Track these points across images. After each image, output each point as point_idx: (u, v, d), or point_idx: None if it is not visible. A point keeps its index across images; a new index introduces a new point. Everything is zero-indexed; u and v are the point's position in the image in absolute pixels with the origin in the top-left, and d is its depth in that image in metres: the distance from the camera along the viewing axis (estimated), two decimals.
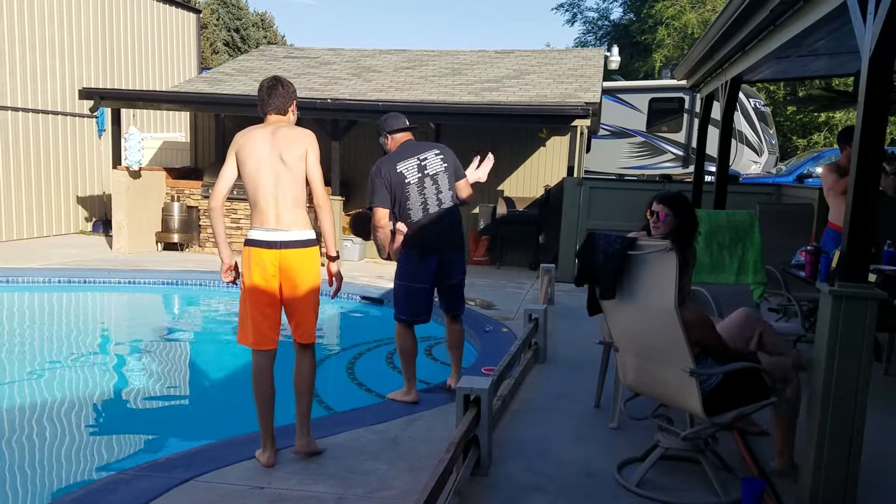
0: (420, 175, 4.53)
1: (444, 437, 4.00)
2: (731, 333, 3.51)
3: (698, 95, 15.28)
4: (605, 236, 3.49)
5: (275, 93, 3.64)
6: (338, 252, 3.86)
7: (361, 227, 4.83)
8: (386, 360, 6.31)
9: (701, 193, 7.91)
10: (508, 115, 9.67)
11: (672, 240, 3.76)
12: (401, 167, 4.51)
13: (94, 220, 13.84)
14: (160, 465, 3.65)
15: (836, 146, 21.70)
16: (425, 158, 4.57)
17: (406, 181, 4.50)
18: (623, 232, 3.61)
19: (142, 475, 3.50)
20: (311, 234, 3.64)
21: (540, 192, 11.19)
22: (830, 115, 24.15)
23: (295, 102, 3.74)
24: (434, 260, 4.57)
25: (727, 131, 6.55)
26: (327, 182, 10.56)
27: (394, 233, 4.56)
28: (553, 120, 9.73)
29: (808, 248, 5.19)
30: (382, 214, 4.52)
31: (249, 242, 3.56)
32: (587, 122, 9.49)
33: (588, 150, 14.50)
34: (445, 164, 4.62)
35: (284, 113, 3.69)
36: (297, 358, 3.73)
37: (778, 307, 6.68)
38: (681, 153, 15.95)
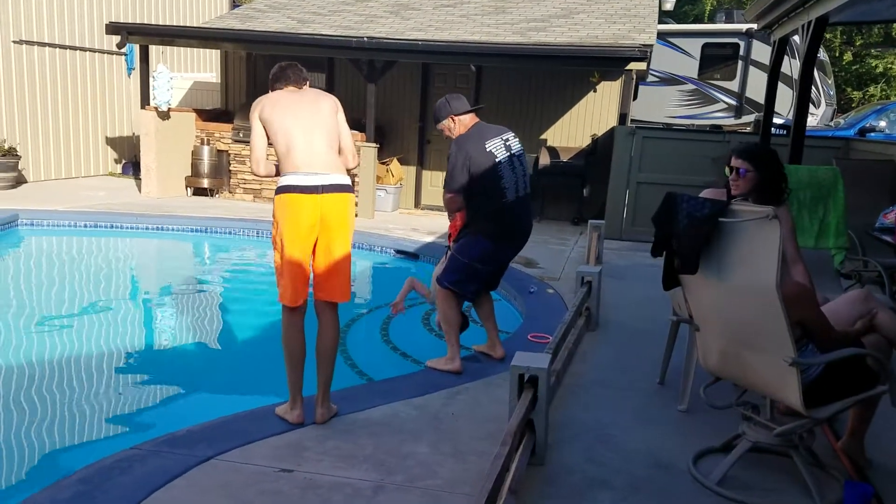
0: (508, 155, 4.12)
1: (490, 414, 3.62)
2: (838, 311, 3.01)
3: (766, 39, 14.32)
4: (689, 198, 2.98)
5: (294, 69, 3.53)
6: None
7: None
8: (422, 322, 5.89)
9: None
10: (559, 56, 8.99)
11: (754, 199, 3.31)
12: (489, 146, 4.08)
13: (123, 161, 13.53)
14: (179, 439, 3.30)
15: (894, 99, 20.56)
16: (507, 139, 4.18)
17: (497, 159, 4.07)
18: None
19: (159, 451, 3.16)
20: (349, 180, 3.41)
21: (586, 142, 10.57)
22: (889, 65, 22.85)
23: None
24: (511, 250, 4.26)
25: (807, 78, 5.88)
26: (361, 128, 10.06)
27: None
28: (606, 63, 9.03)
29: None
30: (458, 200, 4.16)
31: (285, 189, 3.27)
32: (643, 65, 8.81)
33: (635, 97, 13.76)
34: (522, 149, 4.25)
35: (301, 86, 3.54)
36: (323, 320, 3.44)
37: (851, 273, 6.12)
38: (734, 102, 15.09)
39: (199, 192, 11.20)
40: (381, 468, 3.06)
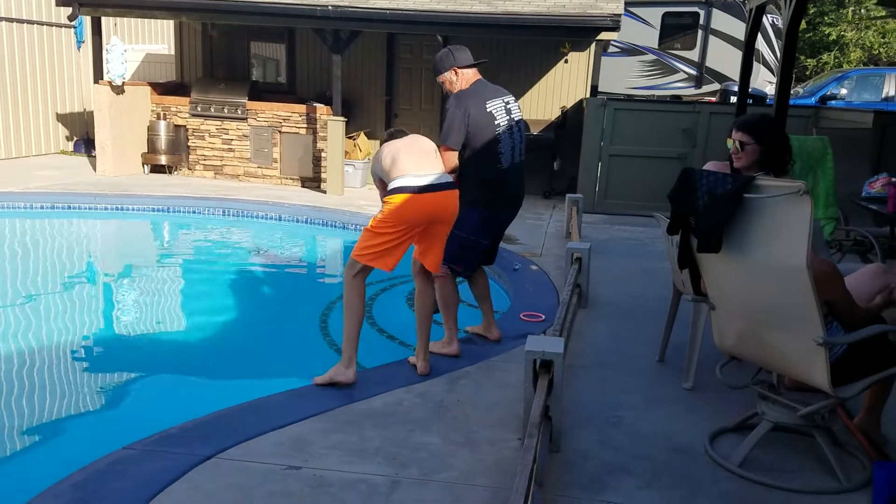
0: (508, 118, 3.99)
1: (495, 399, 3.53)
2: (856, 286, 2.97)
3: (727, 8, 14.28)
4: (708, 174, 2.89)
5: (398, 133, 3.91)
6: None
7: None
8: (406, 302, 5.74)
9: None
10: (529, 26, 8.81)
11: (757, 171, 3.26)
12: (490, 106, 3.93)
13: (75, 139, 12.95)
14: (174, 436, 3.11)
15: (848, 66, 20.92)
16: (508, 102, 4.04)
17: (496, 122, 3.94)
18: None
19: (153, 451, 2.97)
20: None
21: (555, 114, 10.46)
22: (841, 33, 23.21)
23: None
24: (507, 216, 4.17)
25: (791, 49, 5.80)
26: (327, 101, 9.83)
27: None
28: (577, 33, 8.89)
29: (895, 179, 4.63)
30: (456, 158, 3.97)
31: (405, 189, 3.51)
32: (615, 35, 8.70)
33: None
34: (521, 114, 4.13)
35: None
36: (422, 287, 3.85)
37: (832, 242, 6.17)
38: (694, 72, 15.12)
39: (156, 169, 10.78)
40: (394, 462, 2.93)
